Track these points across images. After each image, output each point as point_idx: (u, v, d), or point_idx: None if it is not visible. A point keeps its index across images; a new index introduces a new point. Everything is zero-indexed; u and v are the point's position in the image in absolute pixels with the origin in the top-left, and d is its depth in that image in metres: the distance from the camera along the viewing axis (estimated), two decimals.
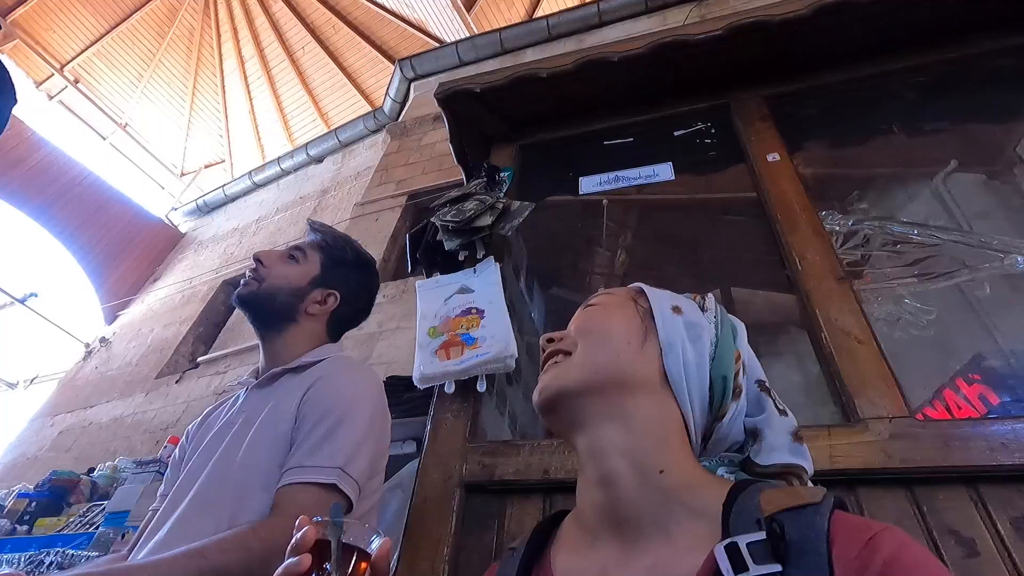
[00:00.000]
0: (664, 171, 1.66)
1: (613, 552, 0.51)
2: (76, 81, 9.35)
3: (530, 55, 5.42)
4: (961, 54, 1.47)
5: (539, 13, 7.49)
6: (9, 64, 8.38)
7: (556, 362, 0.61)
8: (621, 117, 1.91)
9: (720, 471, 0.56)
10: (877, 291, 1.29)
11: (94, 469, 2.72)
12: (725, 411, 0.57)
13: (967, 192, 1.75)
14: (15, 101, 0.89)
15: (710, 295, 0.67)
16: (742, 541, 0.42)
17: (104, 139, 10.00)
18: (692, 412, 0.56)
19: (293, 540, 0.49)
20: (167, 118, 10.27)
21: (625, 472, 0.53)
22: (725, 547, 0.42)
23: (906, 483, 0.89)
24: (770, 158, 1.50)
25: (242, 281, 1.14)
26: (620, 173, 1.73)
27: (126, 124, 10.10)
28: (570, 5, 6.21)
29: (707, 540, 0.45)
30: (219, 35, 9.67)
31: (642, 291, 0.66)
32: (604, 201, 2.32)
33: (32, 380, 7.50)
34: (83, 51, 9.14)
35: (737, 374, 0.58)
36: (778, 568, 0.40)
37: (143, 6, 9.16)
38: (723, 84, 1.78)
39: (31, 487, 2.50)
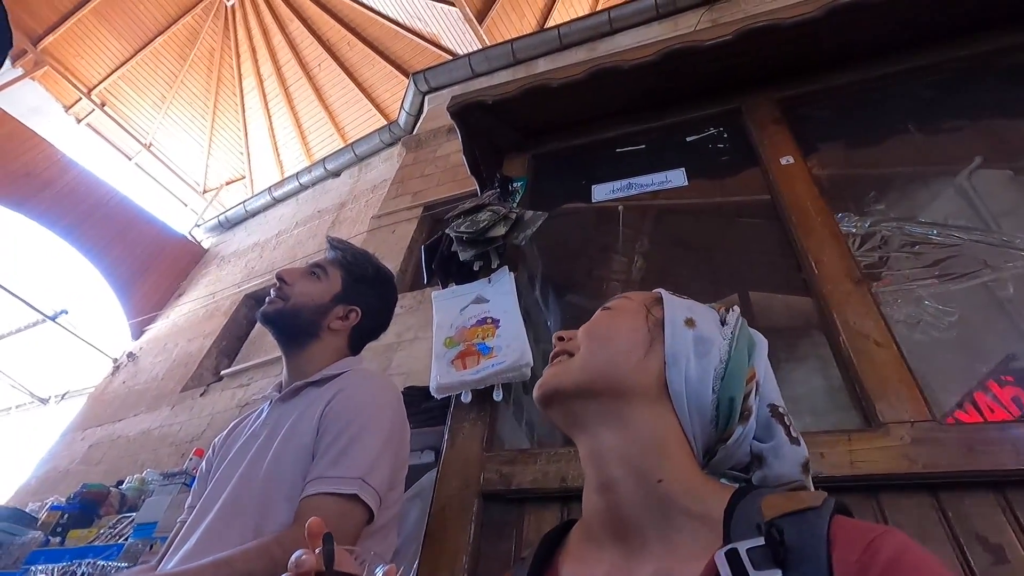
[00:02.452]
0: (677, 177, 1.66)
1: (617, 560, 0.51)
2: (103, 104, 9.65)
3: (542, 65, 5.45)
4: (977, 51, 1.45)
5: (550, 23, 7.54)
6: (39, 90, 8.71)
7: (560, 361, 0.62)
8: (633, 124, 1.92)
9: (723, 482, 0.56)
10: (896, 293, 1.26)
11: (123, 482, 2.78)
12: (731, 433, 0.55)
13: (992, 189, 1.71)
14: (11, 46, 0.93)
15: (735, 308, 0.66)
16: (742, 547, 0.42)
17: (130, 159, 10.28)
18: (692, 427, 0.56)
19: (291, 561, 0.46)
20: (189, 137, 10.54)
21: (624, 479, 0.53)
22: (725, 553, 0.42)
23: (930, 488, 0.88)
24: (784, 161, 1.49)
25: (267, 299, 1.17)
26: (633, 180, 1.73)
27: (150, 144, 10.38)
28: (581, 14, 6.24)
29: (709, 546, 0.45)
30: (238, 55, 9.92)
31: (660, 299, 0.65)
32: (620, 207, 2.32)
33: (63, 395, 7.70)
34: (109, 75, 9.44)
35: (748, 396, 0.56)
36: (778, 573, 0.40)
37: (166, 30, 9.44)
38: (735, 88, 1.78)
39: (63, 500, 2.57)
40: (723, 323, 0.63)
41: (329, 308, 1.18)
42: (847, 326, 1.10)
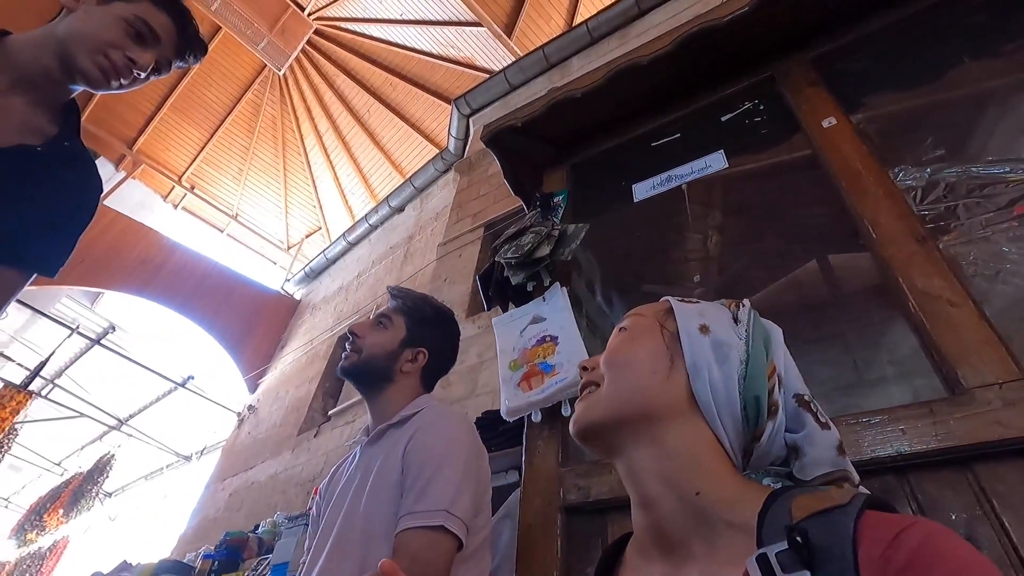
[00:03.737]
0: (717, 160, 1.63)
1: (666, 571, 0.53)
2: (192, 188, 10.77)
3: (576, 63, 5.43)
4: None
5: (578, 19, 7.50)
6: (140, 186, 9.84)
7: (590, 392, 0.64)
8: (665, 114, 1.89)
9: (765, 481, 0.56)
10: (969, 245, 1.15)
11: (259, 526, 3.08)
12: (762, 430, 0.56)
13: None
14: (102, 189, 1.12)
15: (745, 303, 0.66)
16: (771, 551, 0.43)
17: (221, 231, 11.38)
18: (725, 433, 0.57)
19: None
20: (268, 200, 11.51)
21: (662, 495, 0.55)
22: (756, 558, 0.43)
23: None
24: (826, 123, 1.42)
25: (343, 354, 1.29)
26: (672, 172, 1.71)
27: (236, 214, 11.43)
28: (607, 3, 6.16)
29: (747, 553, 0.46)
30: (296, 117, 10.72)
31: (671, 310, 0.65)
32: (683, 185, 2.28)
33: (202, 451, 8.59)
34: (193, 160, 10.55)
35: (772, 391, 0.57)
36: (807, 575, 0.41)
37: (232, 109, 10.40)
38: (764, 56, 1.71)
39: (212, 548, 2.89)
40: (736, 320, 0.63)
41: (398, 353, 1.28)
42: (915, 289, 1.03)
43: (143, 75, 1.02)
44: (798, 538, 0.42)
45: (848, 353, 2.21)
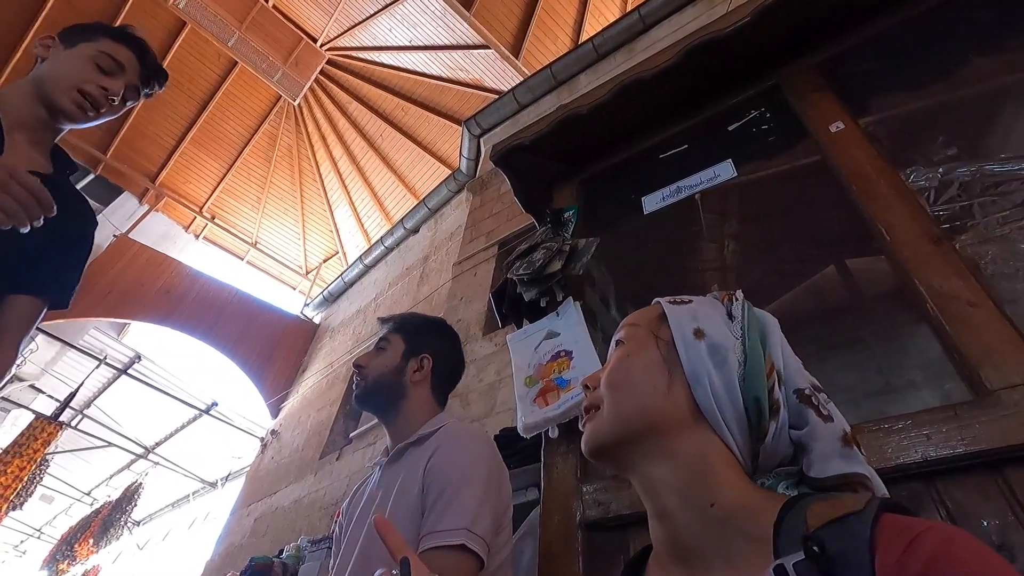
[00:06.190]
0: (725, 170, 1.63)
1: None
2: (213, 218, 11.04)
3: (583, 80, 5.48)
4: None
5: (584, 36, 7.60)
6: (163, 218, 10.10)
7: (591, 416, 0.63)
8: (672, 126, 1.90)
9: (780, 487, 0.55)
10: (986, 244, 1.13)
11: (283, 551, 3.09)
12: (765, 431, 0.55)
13: None
14: (96, 224, 1.20)
15: (739, 294, 0.65)
16: (788, 562, 0.42)
17: (242, 259, 11.61)
18: (733, 439, 0.56)
19: None
20: (286, 227, 11.74)
21: (678, 508, 0.54)
22: (773, 570, 0.43)
23: None
24: (833, 128, 1.42)
25: (354, 386, 1.31)
26: (681, 183, 1.71)
27: (256, 242, 11.66)
28: (612, 19, 6.24)
29: (764, 563, 0.45)
30: (311, 145, 10.98)
31: (663, 315, 0.64)
32: (696, 195, 2.28)
33: (227, 477, 8.66)
34: (213, 191, 10.83)
35: (772, 390, 0.56)
36: None
37: (249, 140, 10.70)
38: (768, 64, 1.72)
39: (238, 574, 2.90)
40: (730, 316, 0.62)
41: (404, 366, 1.29)
42: (933, 291, 1.02)
43: (116, 101, 1.11)
44: (815, 547, 0.42)
45: (873, 359, 2.17)
